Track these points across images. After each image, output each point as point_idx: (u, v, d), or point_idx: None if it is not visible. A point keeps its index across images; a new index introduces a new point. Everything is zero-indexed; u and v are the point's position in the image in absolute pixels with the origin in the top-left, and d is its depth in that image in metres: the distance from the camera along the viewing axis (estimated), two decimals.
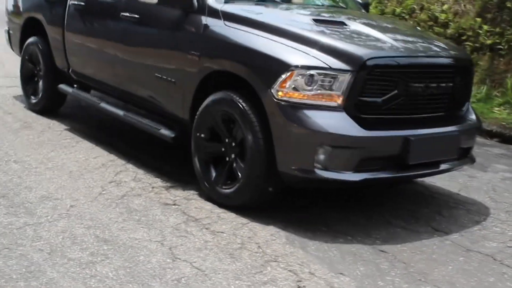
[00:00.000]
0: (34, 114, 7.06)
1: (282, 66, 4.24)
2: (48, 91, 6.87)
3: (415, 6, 10.00)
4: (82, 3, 6.25)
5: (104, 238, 4.03)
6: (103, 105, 5.99)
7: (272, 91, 4.24)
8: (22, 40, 7.31)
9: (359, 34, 4.63)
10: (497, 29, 9.06)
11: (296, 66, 4.19)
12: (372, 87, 4.27)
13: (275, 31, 4.49)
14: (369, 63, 4.19)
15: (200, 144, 4.84)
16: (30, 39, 7.10)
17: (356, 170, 4.23)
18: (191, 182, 5.08)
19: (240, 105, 4.45)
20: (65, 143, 6.07)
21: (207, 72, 4.76)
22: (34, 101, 7.09)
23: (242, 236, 4.21)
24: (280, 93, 4.21)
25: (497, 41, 9.03)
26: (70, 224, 4.21)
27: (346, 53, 4.24)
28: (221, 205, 4.66)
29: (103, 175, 5.23)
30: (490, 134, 7.69)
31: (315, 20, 4.73)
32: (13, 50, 7.79)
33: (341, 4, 6.01)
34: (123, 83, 5.78)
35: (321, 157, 4.17)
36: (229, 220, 4.45)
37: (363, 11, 6.10)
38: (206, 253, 3.91)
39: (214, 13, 4.84)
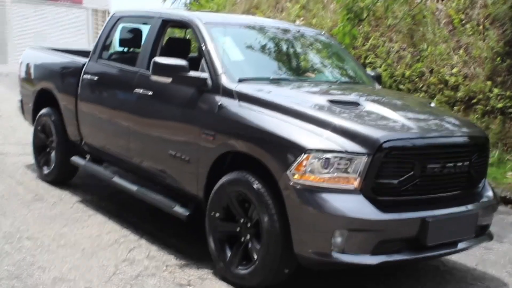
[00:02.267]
0: (46, 184, 7.07)
1: (298, 149, 4.23)
2: (60, 162, 6.89)
3: (424, 69, 10.03)
4: (96, 77, 6.31)
5: None
6: (116, 179, 5.99)
7: (288, 173, 4.22)
8: (35, 110, 7.35)
9: (373, 114, 4.62)
10: (508, 93, 9.06)
11: (312, 150, 4.18)
12: (388, 169, 4.24)
13: (290, 112, 4.50)
14: (385, 145, 4.17)
15: (215, 223, 4.80)
16: (43, 111, 7.15)
17: (374, 252, 4.18)
18: (205, 260, 5.03)
19: (255, 187, 4.43)
20: (77, 217, 6.04)
21: (221, 152, 4.76)
22: (46, 171, 7.10)
23: None
24: (296, 176, 4.19)
25: (508, 104, 9.02)
26: None
27: (362, 135, 4.23)
28: (236, 285, 4.59)
29: (116, 252, 5.18)
30: (504, 201, 7.58)
31: (330, 101, 4.73)
32: (25, 119, 7.82)
33: (353, 78, 6.02)
34: (135, 158, 5.80)
35: (338, 240, 4.12)
36: None
37: (376, 84, 6.11)
38: None
39: (229, 93, 4.86)
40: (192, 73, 5.08)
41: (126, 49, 6.72)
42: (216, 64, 5.07)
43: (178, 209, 5.18)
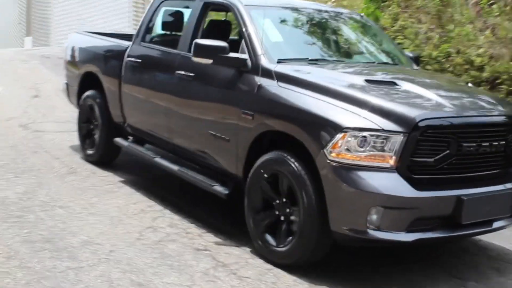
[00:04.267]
0: (80, 159, 7.36)
1: (335, 128, 4.32)
2: (104, 144, 7.09)
3: (451, 50, 9.98)
4: (139, 60, 6.48)
5: (139, 282, 4.25)
6: (158, 159, 6.15)
7: (325, 152, 4.32)
8: (80, 93, 7.57)
9: (410, 93, 4.69)
10: None
11: (349, 128, 4.27)
12: (424, 148, 4.30)
13: (328, 92, 4.60)
14: (421, 124, 4.23)
15: (254, 202, 4.93)
16: (88, 93, 7.35)
17: (409, 230, 4.26)
18: (223, 228, 5.37)
19: (293, 166, 4.54)
20: (108, 189, 6.34)
21: (260, 131, 4.89)
22: (90, 152, 7.30)
23: (267, 281, 4.45)
24: (333, 154, 4.29)
25: None
26: (109, 268, 4.44)
27: (398, 114, 4.30)
28: (274, 263, 4.73)
29: (141, 220, 5.48)
30: None
31: (367, 81, 4.81)
32: (71, 102, 8.05)
33: (390, 59, 6.07)
34: (176, 138, 5.96)
35: (374, 217, 4.22)
36: (256, 266, 4.69)
37: (414, 65, 6.15)
38: None
39: (268, 73, 4.97)
40: (232, 54, 5.20)
41: (168, 32, 6.86)
42: (256, 45, 5.19)
43: (218, 188, 5.32)
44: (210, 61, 5.22)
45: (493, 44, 9.59)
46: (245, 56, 5.19)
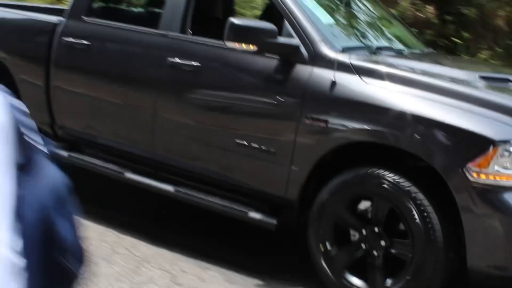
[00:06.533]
0: None
1: (482, 141, 3.34)
2: None
3: None
4: (86, 42, 4.77)
5: None
6: (131, 176, 4.58)
7: (465, 171, 3.32)
8: None
9: None
10: None
11: (501, 141, 3.32)
12: None
13: (449, 94, 3.56)
14: None
15: (325, 235, 3.77)
16: None
17: None
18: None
19: (405, 189, 3.48)
20: None
21: (339, 143, 3.72)
22: None
23: None
24: (479, 174, 3.31)
25: None
26: None
27: None
28: None
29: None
30: None
31: (482, 77, 3.87)
32: None
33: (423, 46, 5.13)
34: (164, 149, 4.47)
35: None
36: None
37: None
38: None
39: (344, 66, 3.79)
40: (283, 40, 3.93)
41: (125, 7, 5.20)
42: (309, 29, 3.95)
43: (258, 216, 4.01)
44: (255, 47, 3.88)
45: None
46: (296, 41, 3.93)
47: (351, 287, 3.69)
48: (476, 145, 3.36)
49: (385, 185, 3.54)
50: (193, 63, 4.22)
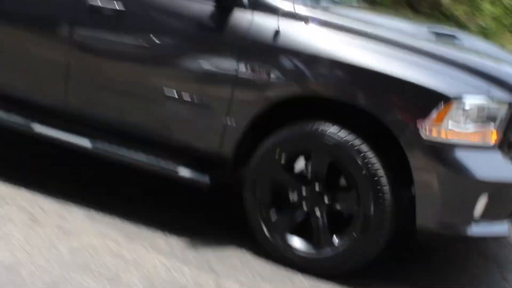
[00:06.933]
0: None
1: (435, 96, 3.21)
2: None
3: None
4: None
5: None
6: (42, 129, 4.11)
7: (417, 128, 3.20)
8: None
9: (482, 51, 3.79)
10: None
11: (455, 97, 3.21)
12: None
13: (402, 47, 3.39)
14: None
15: (262, 196, 3.58)
16: None
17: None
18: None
19: (352, 142, 3.32)
20: None
21: (284, 96, 3.47)
22: None
23: None
24: (431, 130, 3.20)
25: None
26: None
27: (501, 79, 3.40)
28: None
29: None
30: None
31: (433, 33, 3.73)
32: None
33: None
34: (78, 101, 4.04)
35: (478, 208, 3.32)
36: None
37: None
38: None
39: (289, 14, 3.50)
40: None
41: None
42: None
43: (189, 174, 3.72)
44: None
45: None
46: None
47: (295, 251, 3.52)
48: (430, 101, 3.22)
49: (326, 140, 3.36)
50: (117, 6, 3.80)
